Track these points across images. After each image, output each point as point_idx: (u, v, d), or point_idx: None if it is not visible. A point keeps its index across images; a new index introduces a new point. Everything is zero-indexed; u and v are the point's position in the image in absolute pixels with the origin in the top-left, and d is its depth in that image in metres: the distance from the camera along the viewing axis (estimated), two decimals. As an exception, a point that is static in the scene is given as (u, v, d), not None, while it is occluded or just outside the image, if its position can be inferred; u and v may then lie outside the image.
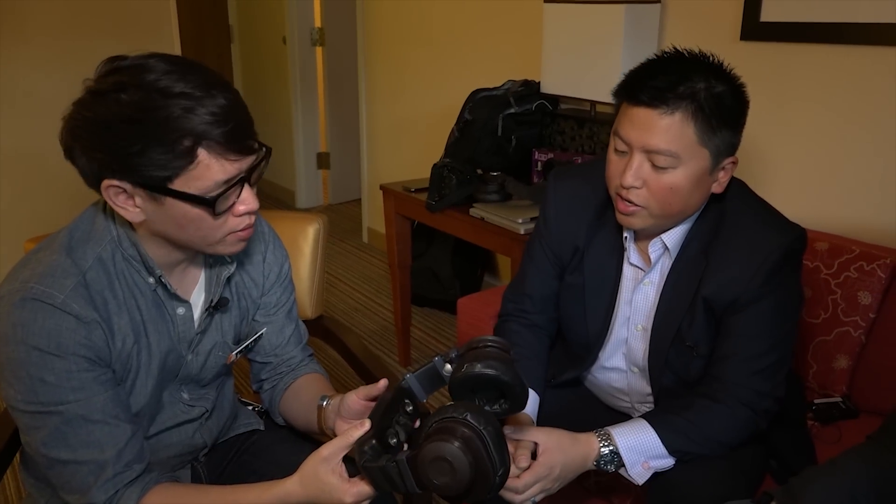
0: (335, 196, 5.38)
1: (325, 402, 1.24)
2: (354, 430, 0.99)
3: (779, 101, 2.19)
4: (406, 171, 3.77)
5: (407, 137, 4.02)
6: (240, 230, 1.08)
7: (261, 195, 1.12)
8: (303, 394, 1.34)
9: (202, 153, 0.98)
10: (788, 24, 2.11)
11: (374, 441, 0.96)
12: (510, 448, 1.23)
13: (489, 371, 0.95)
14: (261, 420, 1.46)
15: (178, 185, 0.99)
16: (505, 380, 0.95)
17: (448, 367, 1.01)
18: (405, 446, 1.00)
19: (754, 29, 2.19)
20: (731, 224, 1.30)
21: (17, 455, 1.33)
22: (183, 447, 1.28)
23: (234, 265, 1.23)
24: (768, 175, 2.24)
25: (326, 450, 1.00)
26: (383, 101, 4.17)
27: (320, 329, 1.83)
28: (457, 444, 0.90)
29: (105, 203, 1.10)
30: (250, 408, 1.51)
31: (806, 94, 2.14)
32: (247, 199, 1.06)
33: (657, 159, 1.20)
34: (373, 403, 1.13)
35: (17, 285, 1.03)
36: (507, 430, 1.24)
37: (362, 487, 0.99)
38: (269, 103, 5.29)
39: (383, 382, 1.11)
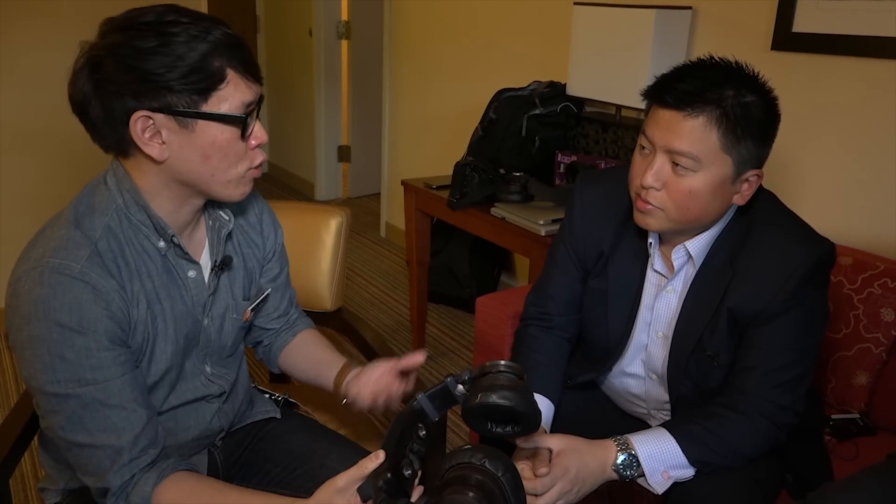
0: (354, 189, 5.40)
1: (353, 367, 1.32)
2: (368, 462, 0.98)
3: (807, 113, 2.17)
4: (427, 168, 3.77)
5: (429, 134, 4.02)
6: (253, 167, 1.13)
7: (280, 186, 1.14)
8: (312, 352, 1.43)
9: (230, 73, 1.04)
10: (820, 36, 2.09)
11: (388, 475, 0.95)
12: (527, 462, 1.24)
13: (504, 402, 0.96)
14: (277, 409, 1.48)
15: (209, 106, 1.03)
16: (520, 411, 0.97)
17: (460, 387, 1.01)
18: (419, 474, 0.99)
19: (786, 39, 2.18)
20: (759, 236, 1.29)
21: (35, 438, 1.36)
22: (201, 430, 1.29)
23: (232, 222, 1.25)
24: (794, 187, 2.22)
25: (341, 480, 1.00)
26: (407, 96, 4.17)
27: (339, 322, 1.84)
28: (472, 494, 0.89)
29: (105, 176, 1.12)
30: (267, 396, 1.52)
31: (834, 106, 2.12)
32: (258, 133, 1.11)
33: (678, 160, 1.21)
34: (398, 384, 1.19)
35: (32, 263, 1.04)
36: (520, 442, 1.24)
37: None
38: (292, 95, 5.31)
39: (419, 358, 1.19)
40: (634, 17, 2.32)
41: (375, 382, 1.27)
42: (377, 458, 0.97)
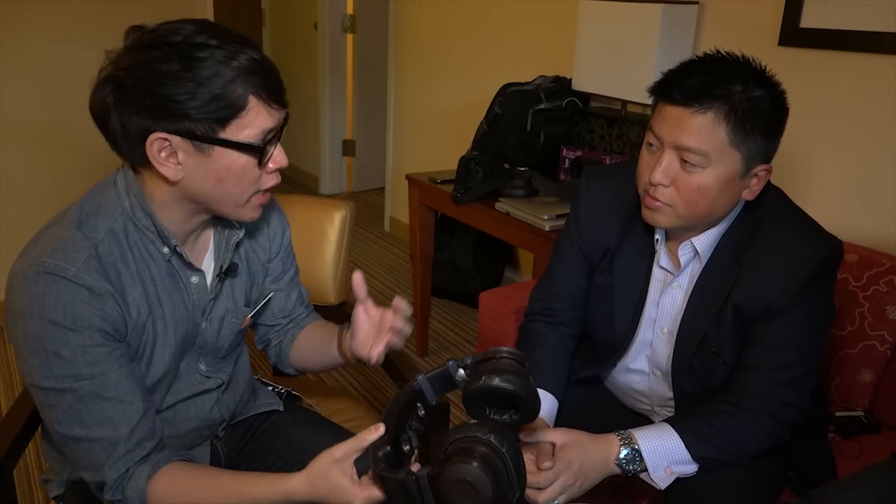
0: (358, 184, 5.39)
1: (345, 328, 1.27)
2: (368, 434, 0.98)
3: (814, 110, 2.16)
4: (431, 162, 3.76)
5: (434, 128, 4.01)
6: (261, 191, 1.11)
7: (284, 179, 1.14)
8: (315, 335, 1.39)
9: (253, 100, 1.02)
10: (828, 32, 2.08)
11: (388, 447, 0.96)
12: (531, 455, 1.24)
13: (506, 386, 0.96)
14: (280, 401, 1.48)
15: (228, 133, 1.02)
16: (521, 395, 0.97)
17: (461, 372, 1.02)
18: (416, 451, 1.00)
19: (793, 35, 2.16)
20: (767, 232, 1.29)
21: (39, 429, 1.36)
22: (201, 421, 1.29)
23: (243, 230, 1.24)
24: (800, 183, 2.21)
25: (339, 451, 1.00)
26: (412, 90, 4.16)
27: (342, 315, 1.84)
28: (477, 465, 0.90)
29: (115, 178, 1.11)
30: (270, 388, 1.52)
31: (842, 103, 2.11)
32: (279, 156, 1.10)
33: (687, 157, 1.20)
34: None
35: (29, 261, 1.04)
36: (522, 436, 1.24)
37: (373, 492, 0.99)
38: (297, 89, 5.30)
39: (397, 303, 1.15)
40: (641, 12, 2.31)
41: (366, 335, 1.21)
42: (377, 431, 0.98)
